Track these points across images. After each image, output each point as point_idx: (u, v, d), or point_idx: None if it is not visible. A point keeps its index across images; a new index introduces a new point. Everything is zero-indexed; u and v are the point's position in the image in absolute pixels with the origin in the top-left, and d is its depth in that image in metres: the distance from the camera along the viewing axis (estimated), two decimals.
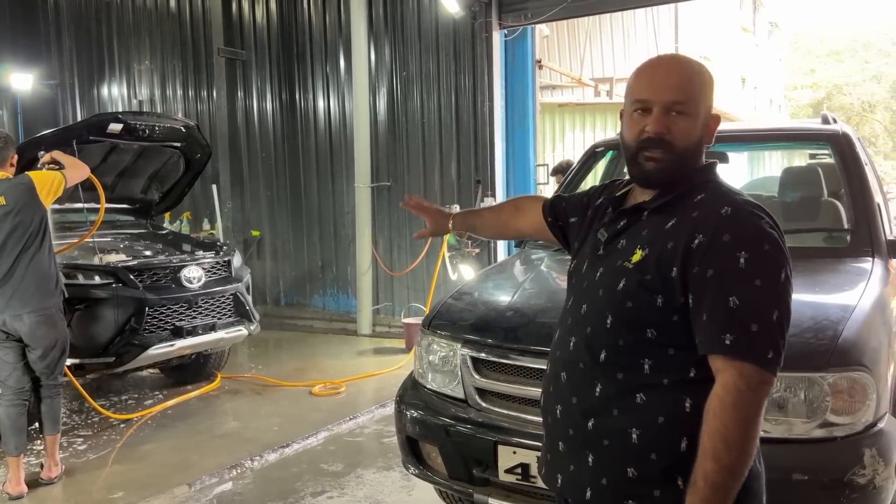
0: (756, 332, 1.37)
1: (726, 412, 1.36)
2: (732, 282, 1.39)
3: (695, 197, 1.52)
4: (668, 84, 1.52)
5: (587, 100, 12.67)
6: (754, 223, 1.44)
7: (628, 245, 1.55)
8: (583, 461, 1.54)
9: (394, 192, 8.12)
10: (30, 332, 3.90)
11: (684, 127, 1.51)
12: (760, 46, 25.67)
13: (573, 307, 1.64)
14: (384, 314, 8.36)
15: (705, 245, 1.42)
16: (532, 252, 3.94)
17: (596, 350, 1.53)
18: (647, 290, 1.47)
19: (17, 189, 3.92)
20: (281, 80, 8.82)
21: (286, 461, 4.54)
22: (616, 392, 1.50)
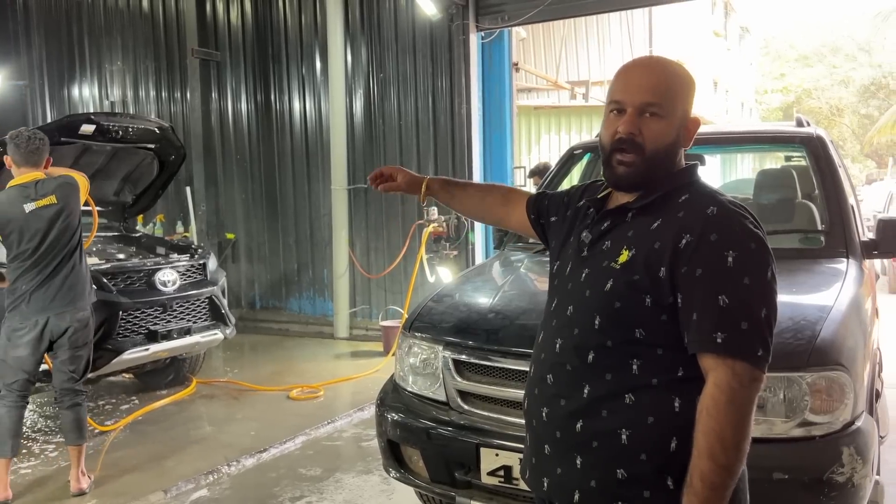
0: (746, 329, 1.38)
1: (721, 411, 1.37)
2: (721, 280, 1.40)
3: (679, 198, 1.52)
4: (642, 85, 1.52)
5: (563, 103, 12.73)
6: (740, 223, 1.45)
7: (614, 246, 1.54)
8: (571, 464, 1.53)
9: (370, 195, 8.08)
10: (71, 332, 3.90)
11: (657, 129, 1.51)
12: (732, 51, 26.02)
13: (558, 309, 1.63)
14: (361, 317, 8.32)
15: (693, 245, 1.43)
16: (511, 254, 3.94)
17: (584, 351, 1.52)
18: (636, 291, 1.47)
19: (66, 188, 3.97)
20: (256, 82, 8.75)
21: (264, 466, 4.48)
22: (605, 393, 1.50)
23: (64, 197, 3.93)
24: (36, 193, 3.88)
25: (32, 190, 3.89)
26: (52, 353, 3.97)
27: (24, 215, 3.82)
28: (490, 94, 7.55)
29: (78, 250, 3.99)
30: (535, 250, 3.85)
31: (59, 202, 3.90)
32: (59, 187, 3.94)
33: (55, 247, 3.87)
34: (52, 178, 3.98)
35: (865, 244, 3.43)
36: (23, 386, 3.89)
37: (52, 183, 3.95)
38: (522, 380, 2.67)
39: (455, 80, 7.38)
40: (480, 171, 7.48)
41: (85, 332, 3.99)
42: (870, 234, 3.53)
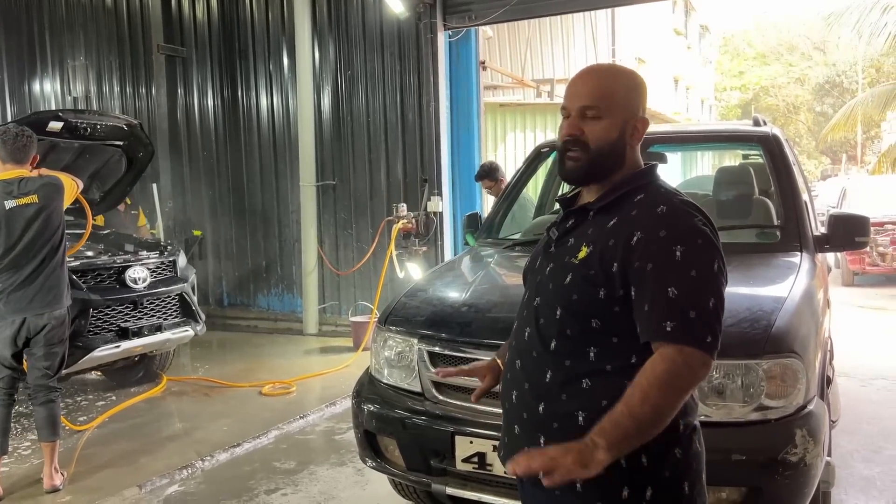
0: (694, 318, 1.48)
1: (655, 374, 1.46)
2: (670, 273, 1.51)
3: (635, 197, 1.64)
4: (580, 92, 1.68)
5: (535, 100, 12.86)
6: (687, 220, 1.56)
7: (575, 243, 1.66)
8: (536, 443, 1.63)
9: (339, 191, 8.14)
10: (48, 330, 3.91)
11: (597, 129, 1.65)
12: (693, 49, 26.47)
13: (528, 300, 1.75)
14: (330, 313, 8.37)
15: (643, 241, 1.54)
16: (482, 249, 4.04)
17: (547, 339, 1.64)
18: (591, 284, 1.58)
19: (49, 189, 3.95)
20: (223, 78, 8.72)
21: (237, 461, 4.53)
22: (564, 378, 1.61)
23: (45, 197, 3.91)
24: (18, 191, 3.86)
25: (15, 187, 3.87)
26: (28, 350, 3.97)
27: (3, 212, 3.80)
28: (458, 93, 7.65)
29: (59, 252, 3.98)
30: (505, 246, 3.97)
31: (40, 202, 3.88)
32: (42, 187, 3.93)
33: (33, 247, 3.86)
34: (36, 178, 3.97)
35: (818, 238, 3.60)
36: (9, 383, 3.92)
37: (35, 182, 3.93)
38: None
39: (423, 78, 7.46)
40: (449, 169, 7.58)
41: (61, 330, 4.00)
42: (822, 229, 3.71)
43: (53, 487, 3.99)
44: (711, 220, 1.61)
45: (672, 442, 1.57)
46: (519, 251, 3.89)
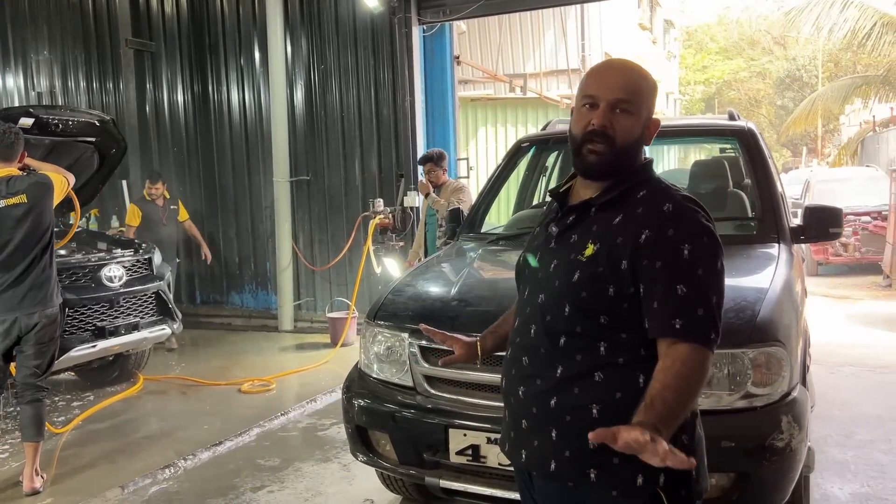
0: (702, 315, 1.53)
1: (688, 367, 1.51)
2: (679, 272, 1.54)
3: (637, 194, 1.65)
4: (615, 84, 1.65)
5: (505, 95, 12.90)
6: (693, 218, 1.60)
7: (580, 240, 1.66)
8: (546, 436, 1.66)
9: (313, 186, 8.10)
10: (38, 328, 3.90)
11: (626, 124, 1.64)
12: (657, 43, 26.76)
13: (530, 297, 1.74)
14: (306, 310, 8.33)
15: (652, 240, 1.56)
16: (464, 244, 4.07)
17: (556, 336, 1.65)
18: (600, 282, 1.60)
19: (38, 188, 3.93)
20: (193, 73, 8.61)
21: (220, 459, 4.50)
22: (576, 372, 1.63)
23: (35, 196, 3.89)
24: (6, 191, 3.84)
25: (3, 187, 3.85)
26: (18, 348, 3.93)
27: None
28: (432, 87, 7.66)
29: (48, 251, 3.97)
30: (488, 241, 4.00)
31: (29, 201, 3.86)
32: (31, 186, 3.90)
33: (24, 247, 3.84)
34: (24, 177, 3.96)
35: (793, 230, 3.70)
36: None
37: (24, 181, 3.91)
38: (486, 363, 2.82)
39: (398, 72, 7.45)
40: None
41: (52, 328, 3.97)
42: (796, 221, 3.81)
43: (33, 490, 3.93)
44: (710, 215, 1.64)
45: (679, 429, 1.59)
46: (503, 245, 3.94)
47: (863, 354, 6.56)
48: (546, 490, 1.72)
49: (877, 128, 18.59)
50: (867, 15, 15.04)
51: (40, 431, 3.96)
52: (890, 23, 15.11)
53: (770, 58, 37.69)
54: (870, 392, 5.45)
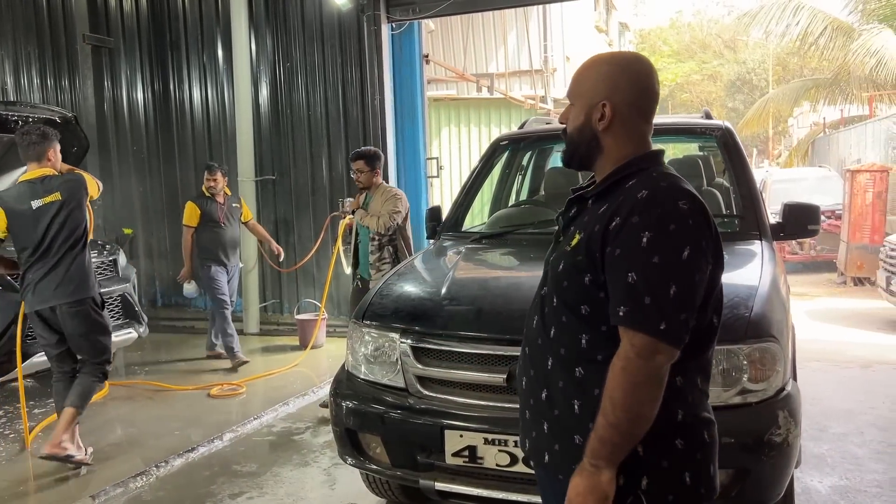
0: (648, 304, 1.47)
1: (614, 374, 1.49)
2: (632, 259, 1.49)
3: (627, 184, 1.62)
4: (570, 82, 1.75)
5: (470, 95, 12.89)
6: (666, 205, 1.52)
7: (573, 231, 1.68)
8: (541, 428, 1.68)
9: (279, 186, 7.96)
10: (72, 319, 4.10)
11: (570, 115, 1.72)
12: (613, 46, 27.10)
13: (539, 289, 1.78)
14: (272, 312, 8.19)
15: (618, 227, 1.53)
16: (446, 243, 4.03)
17: (549, 327, 1.67)
18: (578, 271, 1.60)
19: (72, 185, 4.11)
20: (153, 70, 8.38)
21: (194, 465, 4.37)
22: (560, 366, 1.64)
23: (68, 192, 4.06)
24: (42, 190, 4.02)
25: (39, 186, 4.04)
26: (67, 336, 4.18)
27: (31, 212, 3.99)
28: (401, 86, 7.58)
29: (82, 243, 4.15)
30: (471, 239, 3.96)
31: (62, 197, 4.04)
32: (64, 183, 4.08)
33: (57, 240, 4.03)
34: (58, 176, 4.14)
35: (773, 227, 3.74)
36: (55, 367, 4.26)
37: (57, 180, 4.10)
38: (482, 363, 2.79)
39: (366, 71, 7.36)
40: (394, 163, 7.52)
41: (89, 319, 4.16)
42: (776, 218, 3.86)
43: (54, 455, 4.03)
44: (703, 206, 1.55)
45: (669, 432, 1.57)
46: (486, 244, 3.90)
47: (826, 350, 6.71)
48: (543, 480, 1.75)
49: (826, 129, 19.12)
50: (818, 19, 15.46)
51: (82, 403, 4.16)
52: (839, 27, 15.56)
53: (721, 61, 38.50)
54: (838, 387, 5.57)
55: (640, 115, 1.67)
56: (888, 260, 7.74)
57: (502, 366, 2.73)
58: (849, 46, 14.94)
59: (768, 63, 32.92)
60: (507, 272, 3.69)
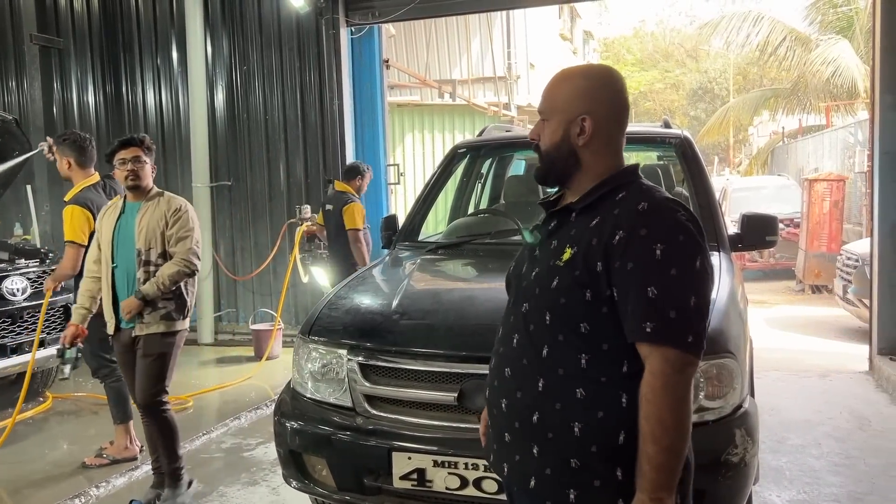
0: (674, 318, 1.45)
1: (657, 396, 1.45)
2: (650, 273, 1.47)
3: (616, 196, 1.60)
4: (541, 98, 1.71)
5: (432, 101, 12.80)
6: (670, 217, 1.52)
7: (559, 245, 1.62)
8: (528, 452, 1.60)
9: (235, 192, 7.78)
10: None
11: (546, 132, 1.67)
12: (578, 54, 27.31)
13: (514, 306, 1.70)
14: (227, 321, 7.98)
15: (625, 240, 1.50)
16: (401, 253, 3.91)
17: (538, 347, 1.59)
18: (577, 286, 1.54)
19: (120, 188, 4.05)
20: (105, 72, 8.14)
21: (137, 485, 4.17)
22: (558, 387, 1.56)
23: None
24: (108, 194, 4.15)
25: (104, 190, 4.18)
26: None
27: None
28: (361, 91, 7.46)
29: None
30: (427, 249, 3.85)
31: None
32: (118, 185, 4.15)
33: None
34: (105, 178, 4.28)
35: (731, 238, 3.69)
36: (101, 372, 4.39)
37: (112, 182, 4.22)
38: (433, 381, 2.67)
39: (325, 75, 7.23)
40: None
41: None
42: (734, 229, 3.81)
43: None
44: (695, 217, 1.57)
45: None
46: (442, 254, 3.79)
47: (785, 359, 6.73)
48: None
49: (785, 138, 19.44)
50: (777, 30, 15.72)
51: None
52: (798, 38, 15.84)
53: (683, 70, 39.06)
54: (796, 397, 5.57)
55: (618, 129, 1.68)
56: (844, 268, 7.81)
57: (454, 384, 2.62)
58: (807, 57, 15.21)
59: (729, 72, 33.50)
60: (462, 284, 3.58)
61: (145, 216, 3.60)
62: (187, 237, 3.60)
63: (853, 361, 6.45)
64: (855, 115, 15.04)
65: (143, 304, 3.51)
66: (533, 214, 4.22)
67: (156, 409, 3.69)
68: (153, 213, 3.62)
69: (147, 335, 3.59)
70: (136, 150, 3.65)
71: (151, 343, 3.59)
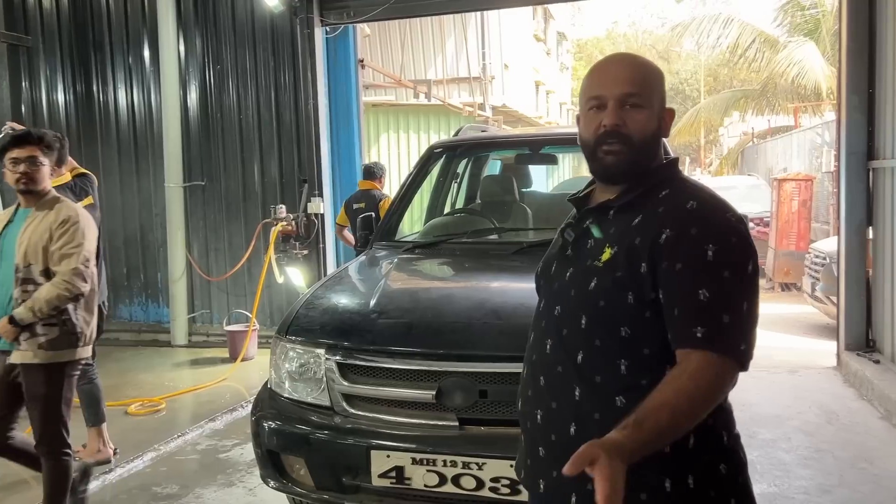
0: (728, 323, 1.36)
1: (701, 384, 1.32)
2: (701, 274, 1.37)
3: (659, 193, 1.51)
4: (620, 78, 1.52)
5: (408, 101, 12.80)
6: (721, 216, 1.44)
7: (597, 245, 1.52)
8: None
9: (209, 192, 7.71)
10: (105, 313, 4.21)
11: (639, 119, 1.51)
12: (551, 55, 27.46)
13: (545, 309, 1.60)
14: (201, 322, 7.91)
15: (673, 239, 1.41)
16: (378, 253, 3.91)
17: (573, 352, 1.49)
18: (619, 288, 1.44)
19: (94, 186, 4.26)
20: (75, 71, 8.02)
21: (111, 488, 4.13)
22: (596, 396, 1.46)
23: (95, 195, 4.20)
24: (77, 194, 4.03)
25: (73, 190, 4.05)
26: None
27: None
28: (336, 91, 7.44)
29: None
30: (404, 248, 3.86)
31: (94, 201, 4.16)
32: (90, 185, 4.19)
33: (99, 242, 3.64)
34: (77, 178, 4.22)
35: None
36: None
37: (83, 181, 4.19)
38: (411, 379, 2.68)
39: (300, 74, 7.19)
40: (329, 169, 7.35)
41: None
42: None
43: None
44: (743, 218, 1.49)
45: (717, 458, 1.46)
46: (419, 253, 3.80)
47: (756, 355, 6.64)
48: None
49: (755, 139, 19.74)
50: (747, 31, 15.96)
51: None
52: (767, 40, 16.09)
53: None
54: (766, 392, 5.66)
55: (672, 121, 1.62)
56: (812, 266, 7.96)
57: (432, 382, 2.64)
58: (775, 58, 15.47)
59: (700, 74, 33.92)
60: (440, 283, 3.60)
61: (30, 227, 3.11)
62: (72, 255, 3.07)
63: (821, 357, 6.58)
64: (822, 116, 15.33)
65: (18, 330, 3.03)
66: (509, 214, 4.27)
67: (50, 453, 3.21)
68: (39, 223, 3.10)
69: (26, 365, 3.09)
70: (33, 150, 3.13)
71: (32, 377, 3.11)
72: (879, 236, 5.92)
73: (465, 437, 2.58)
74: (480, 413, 2.60)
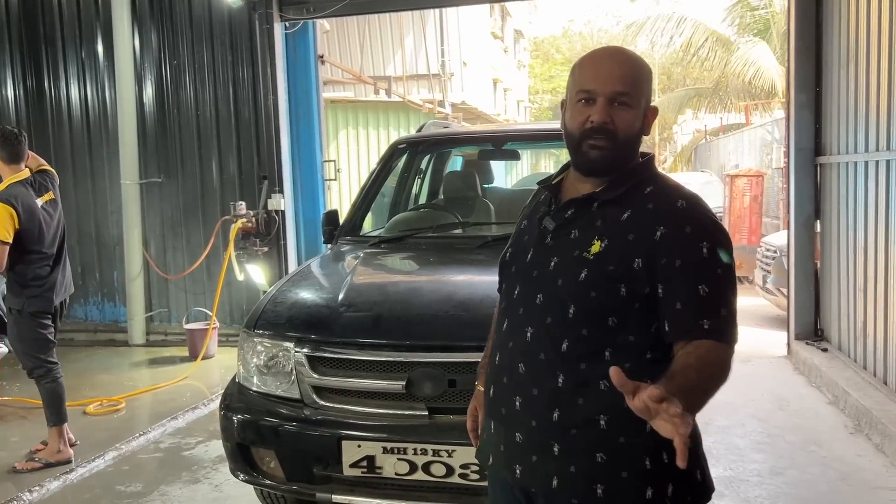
0: (725, 315, 1.47)
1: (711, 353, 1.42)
2: (699, 270, 1.47)
3: (644, 189, 1.57)
4: (613, 76, 1.54)
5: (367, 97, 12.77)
6: (709, 216, 1.54)
7: (583, 235, 1.56)
8: (547, 451, 1.54)
9: (166, 189, 7.60)
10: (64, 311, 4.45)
11: (626, 118, 1.54)
12: (509, 53, 27.67)
13: (523, 297, 1.61)
14: (159, 321, 7.80)
15: (669, 237, 1.48)
16: (343, 247, 3.94)
17: (558, 341, 1.53)
18: (611, 280, 1.50)
19: (55, 182, 4.32)
20: (25, 66, 7.82)
21: (73, 488, 4.08)
22: (580, 381, 1.52)
23: (56, 191, 4.27)
24: (35, 191, 4.09)
25: (29, 188, 4.08)
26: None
27: (39, 209, 4.06)
28: (296, 87, 7.39)
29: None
30: (370, 243, 3.89)
31: (56, 197, 4.24)
32: (51, 182, 4.25)
33: (61, 239, 4.25)
34: (41, 174, 4.23)
35: None
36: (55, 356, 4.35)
37: (43, 178, 4.22)
38: (381, 370, 2.72)
39: (258, 70, 7.14)
40: (289, 166, 7.30)
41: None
42: None
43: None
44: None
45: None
46: (385, 248, 3.84)
47: None
48: None
49: (707, 136, 20.17)
50: (700, 31, 16.31)
51: None
52: (719, 39, 16.47)
53: None
54: None
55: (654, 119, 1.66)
56: (764, 259, 8.20)
57: (402, 372, 2.68)
58: (727, 58, 15.84)
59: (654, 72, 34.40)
60: (406, 276, 3.64)
61: None
62: None
63: (773, 347, 6.80)
64: (772, 114, 15.76)
65: None
66: (472, 209, 4.33)
67: None
68: None
69: None
70: None
71: None
72: (826, 230, 6.14)
73: (435, 425, 2.63)
74: (449, 402, 2.65)
